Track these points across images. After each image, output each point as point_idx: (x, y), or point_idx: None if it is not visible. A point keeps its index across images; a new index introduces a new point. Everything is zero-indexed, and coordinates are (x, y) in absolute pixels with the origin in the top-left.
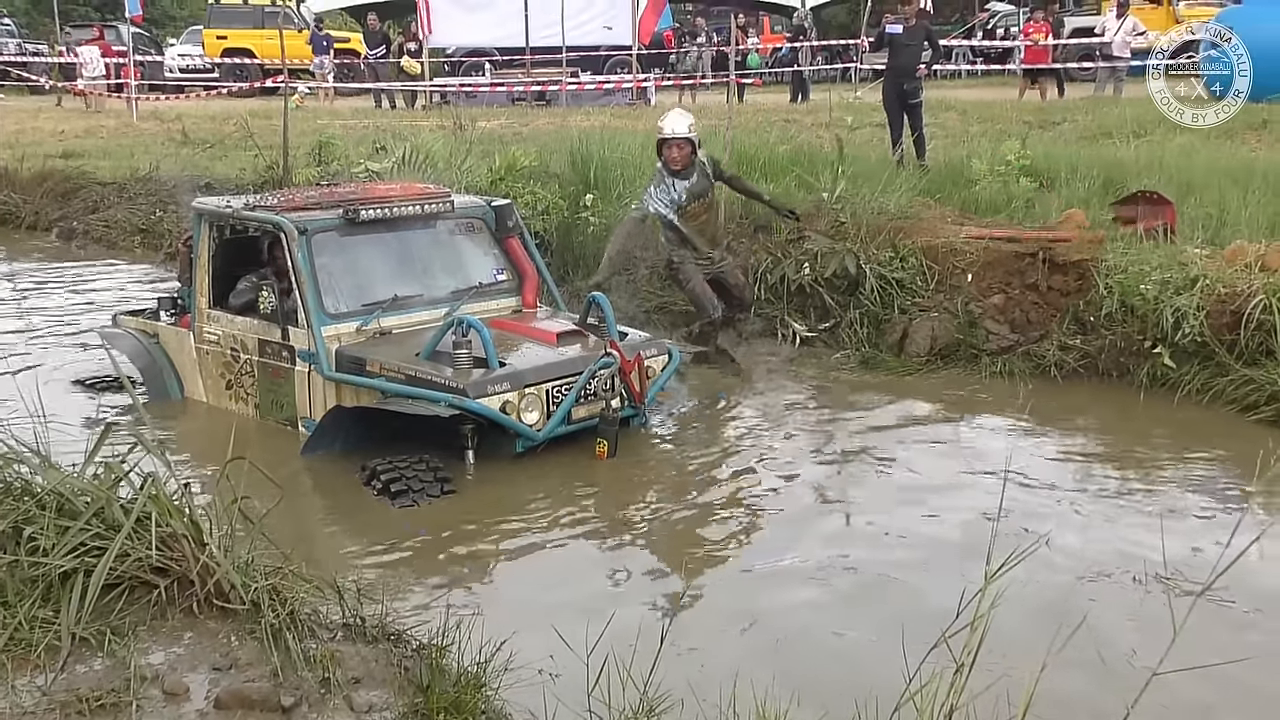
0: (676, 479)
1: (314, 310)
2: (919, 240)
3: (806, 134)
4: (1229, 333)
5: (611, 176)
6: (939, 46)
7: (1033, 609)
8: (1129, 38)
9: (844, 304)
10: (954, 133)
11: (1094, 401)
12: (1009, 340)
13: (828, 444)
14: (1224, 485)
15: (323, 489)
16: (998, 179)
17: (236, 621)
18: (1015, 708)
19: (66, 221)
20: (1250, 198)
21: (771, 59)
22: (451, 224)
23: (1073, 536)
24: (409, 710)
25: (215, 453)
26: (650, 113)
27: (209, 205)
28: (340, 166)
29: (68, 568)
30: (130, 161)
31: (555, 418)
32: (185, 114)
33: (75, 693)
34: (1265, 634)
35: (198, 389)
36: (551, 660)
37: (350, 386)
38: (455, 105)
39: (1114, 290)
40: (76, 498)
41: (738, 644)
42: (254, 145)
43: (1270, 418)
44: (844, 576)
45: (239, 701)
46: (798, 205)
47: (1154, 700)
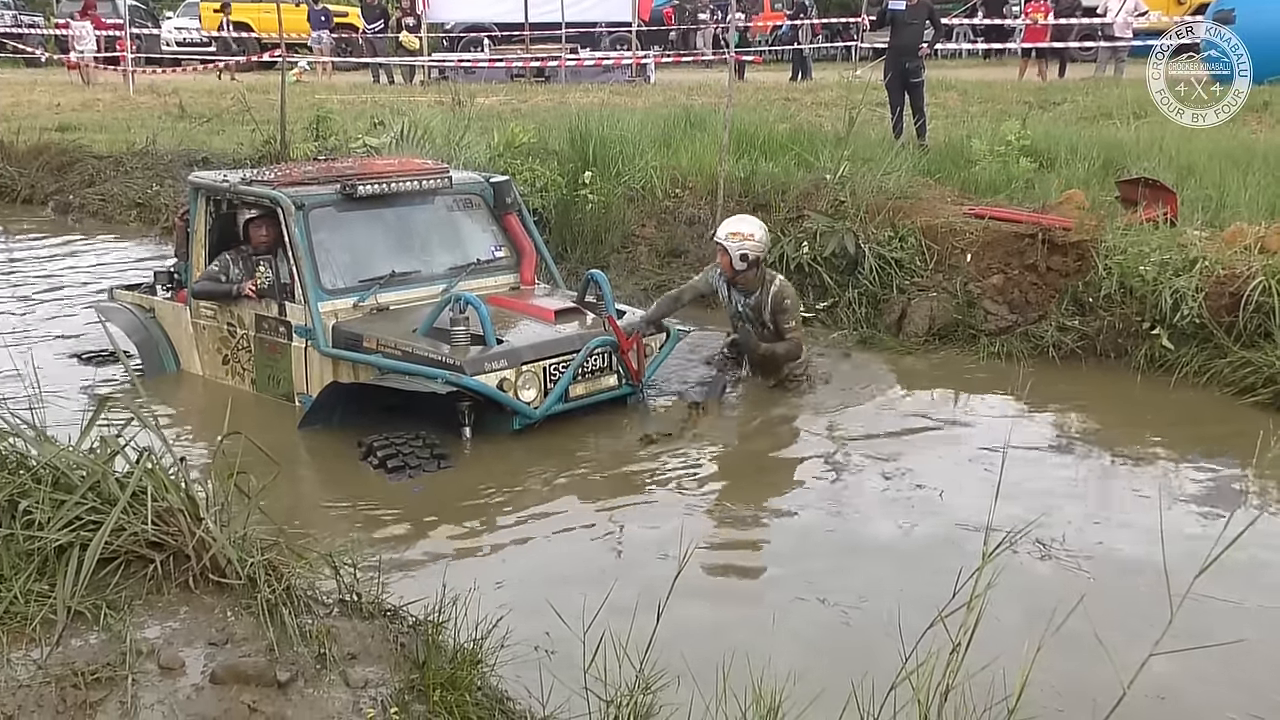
0: (673, 456)
1: (311, 286)
2: (918, 220)
3: (806, 113)
4: (1227, 314)
5: (611, 154)
6: (940, 25)
7: (1029, 589)
8: (1130, 18)
9: (843, 283)
10: (954, 112)
11: (1092, 383)
12: (1007, 321)
13: (824, 424)
14: (1221, 468)
15: (319, 464)
16: (998, 159)
17: (232, 596)
18: (1011, 687)
19: (62, 195)
20: (1250, 180)
21: (772, 37)
22: (449, 200)
23: (1069, 517)
24: (405, 686)
25: (212, 427)
26: (649, 90)
27: (205, 180)
28: (338, 141)
29: (63, 541)
30: (127, 135)
31: (552, 395)
32: (182, 88)
33: (71, 667)
34: (1261, 616)
35: (194, 364)
36: (548, 637)
37: (347, 362)
38: (453, 81)
39: (1113, 271)
40: (72, 471)
41: (735, 622)
42: (251, 120)
43: (1267, 400)
44: (840, 555)
45: (235, 676)
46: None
47: (1150, 680)
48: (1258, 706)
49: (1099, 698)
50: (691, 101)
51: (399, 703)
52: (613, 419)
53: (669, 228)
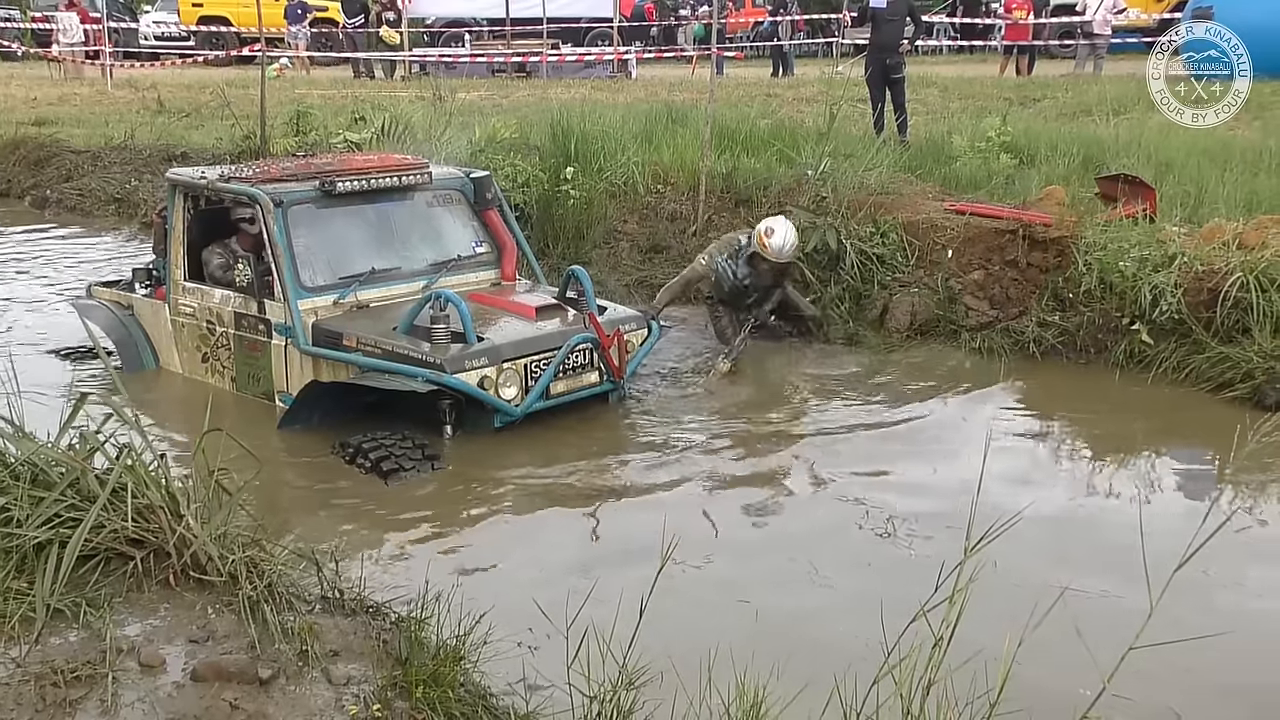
0: (656, 453)
1: (290, 283)
2: (900, 216)
3: (788, 109)
4: (1206, 310)
5: (592, 150)
6: (921, 22)
7: (1010, 584)
8: (1110, 15)
9: (825, 279)
10: (935, 109)
11: (1072, 378)
12: (989, 316)
13: (807, 419)
14: (1199, 463)
15: (301, 462)
16: (978, 155)
17: (214, 593)
18: (993, 681)
19: (40, 190)
20: (1227, 176)
21: (753, 33)
22: (430, 196)
23: (1050, 512)
24: (387, 683)
25: (192, 424)
26: (631, 86)
27: (183, 176)
28: (318, 137)
29: (42, 539)
30: (104, 130)
31: (534, 393)
32: (161, 82)
33: (50, 664)
34: (1239, 609)
35: (173, 361)
36: (530, 633)
37: (327, 361)
38: (434, 76)
39: (1093, 267)
40: (51, 468)
41: (718, 617)
42: (231, 115)
43: (1244, 395)
44: (823, 551)
45: (216, 673)
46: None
47: (1130, 673)
48: (1238, 698)
49: (1080, 691)
50: (673, 97)
51: (381, 699)
52: (594, 416)
53: (651, 223)
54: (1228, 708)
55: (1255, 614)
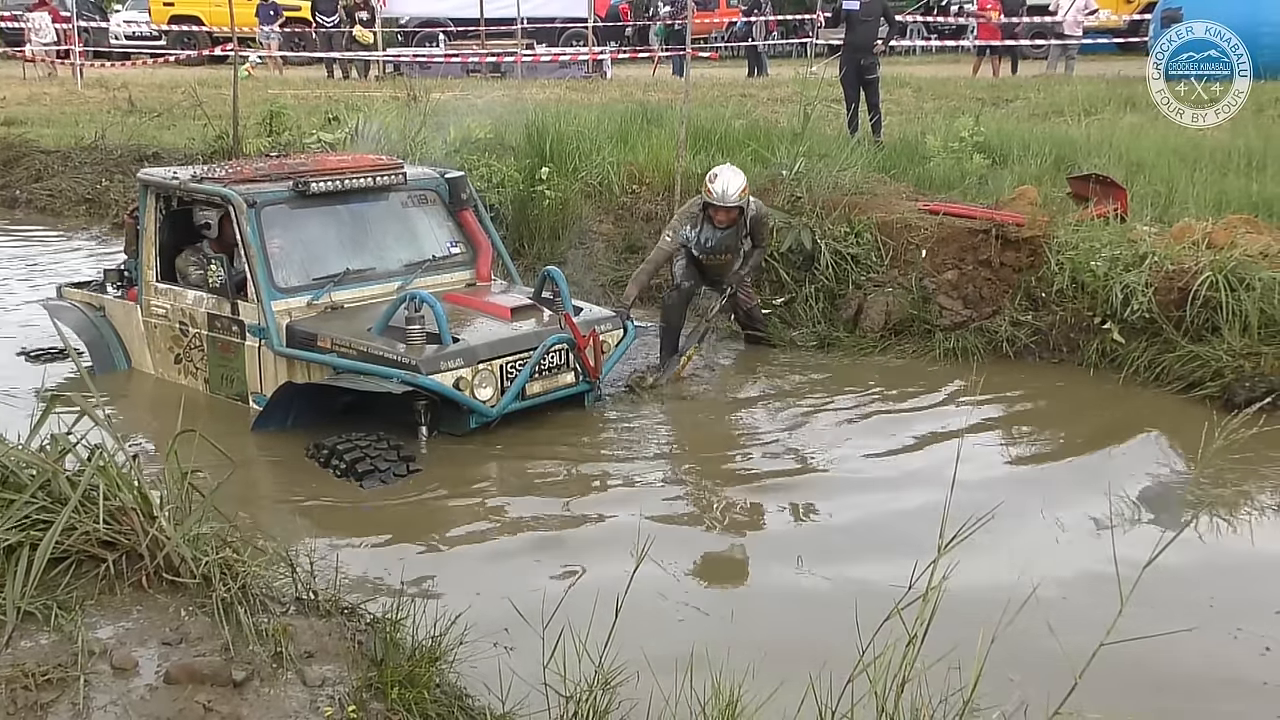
0: (632, 454)
1: (264, 285)
2: (874, 216)
3: (763, 109)
4: (1176, 309)
5: (567, 150)
6: (895, 22)
7: (983, 582)
8: (1081, 16)
9: (799, 279)
10: (908, 109)
11: (1045, 377)
12: (962, 316)
13: (782, 419)
14: (1169, 461)
15: (275, 464)
16: (951, 155)
17: (187, 596)
18: (967, 678)
19: (9, 190)
20: (1197, 176)
21: (727, 33)
22: (404, 196)
23: (1023, 510)
24: (362, 684)
25: (164, 426)
26: (606, 86)
27: (155, 176)
28: (292, 137)
29: (12, 541)
30: (75, 130)
31: (509, 393)
32: (132, 82)
33: (21, 668)
34: (1208, 605)
35: (145, 363)
36: (506, 634)
37: (301, 362)
38: (409, 76)
39: (1065, 267)
40: (21, 470)
41: (694, 617)
42: (203, 114)
43: (1214, 394)
44: (799, 549)
45: (190, 676)
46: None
47: (1102, 669)
48: (1205, 692)
49: (1052, 687)
50: (648, 97)
51: (357, 700)
52: (570, 416)
53: (626, 223)
54: (1198, 702)
55: (1223, 609)
